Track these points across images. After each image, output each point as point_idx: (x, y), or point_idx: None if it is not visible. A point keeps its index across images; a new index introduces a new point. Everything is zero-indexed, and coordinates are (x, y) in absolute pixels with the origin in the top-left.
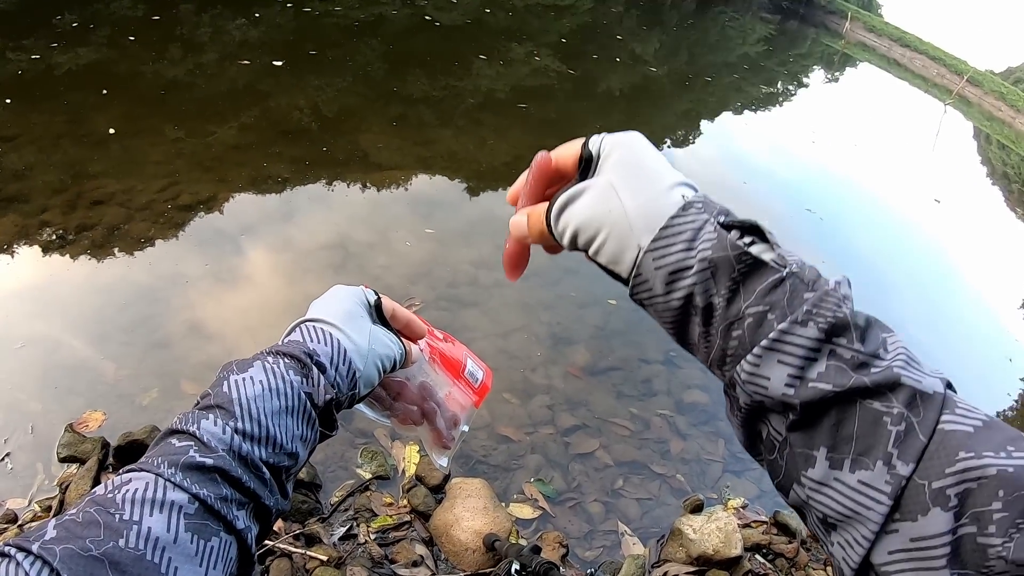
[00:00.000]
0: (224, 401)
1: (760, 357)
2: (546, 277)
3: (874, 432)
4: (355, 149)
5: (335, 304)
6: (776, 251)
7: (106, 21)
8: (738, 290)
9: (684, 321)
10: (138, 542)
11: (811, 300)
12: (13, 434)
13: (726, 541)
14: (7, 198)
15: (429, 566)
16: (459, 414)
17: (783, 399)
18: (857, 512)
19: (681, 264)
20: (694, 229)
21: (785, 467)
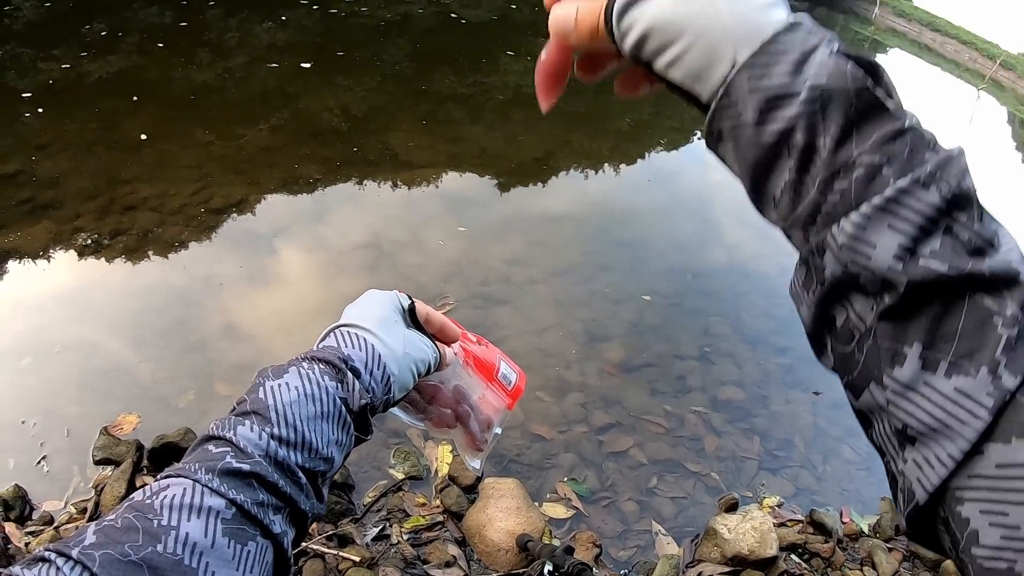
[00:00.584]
0: (260, 407)
1: (868, 218)
2: (579, 273)
3: (982, 333)
4: (385, 148)
5: (369, 309)
6: (896, 98)
7: (134, 28)
8: (851, 132)
9: (771, 163)
10: (176, 547)
11: (935, 160)
12: (49, 437)
13: (761, 541)
14: (42, 205)
15: (462, 567)
16: (492, 416)
17: (887, 274)
18: (948, 425)
19: (785, 89)
20: (804, 51)
21: (863, 362)
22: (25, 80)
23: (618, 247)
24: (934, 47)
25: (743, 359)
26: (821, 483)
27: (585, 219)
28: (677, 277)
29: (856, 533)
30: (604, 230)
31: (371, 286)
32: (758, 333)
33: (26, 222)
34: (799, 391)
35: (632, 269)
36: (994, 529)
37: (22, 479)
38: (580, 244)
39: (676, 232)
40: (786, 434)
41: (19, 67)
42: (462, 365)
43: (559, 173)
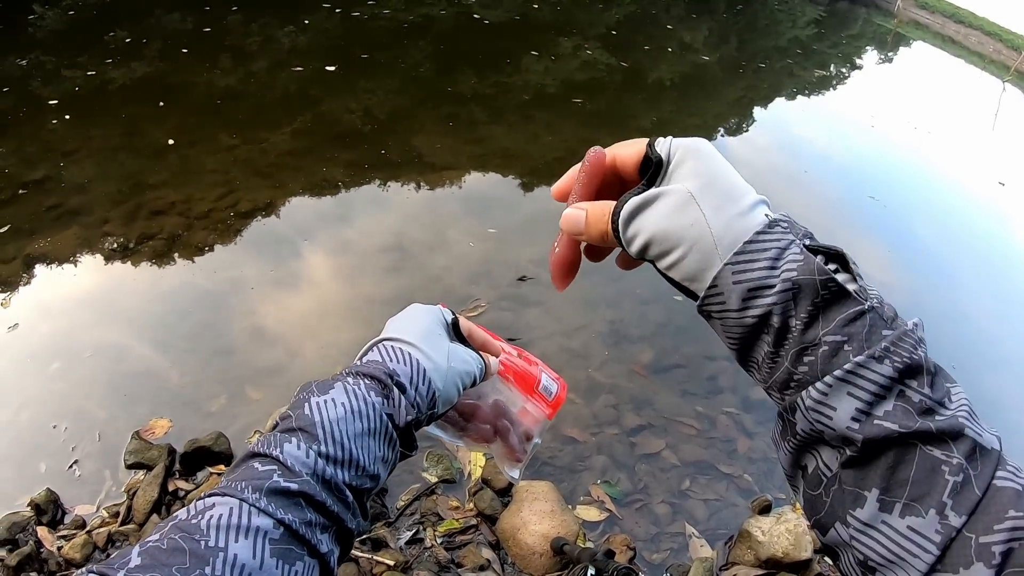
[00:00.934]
0: (306, 424)
1: (831, 387)
2: (608, 274)
3: (931, 480)
4: (409, 150)
5: (413, 323)
6: (859, 282)
7: (157, 35)
8: (818, 316)
9: (752, 339)
10: (224, 569)
11: (889, 338)
12: (81, 442)
13: (796, 543)
14: (69, 211)
15: (496, 570)
16: (532, 428)
17: (846, 432)
18: (902, 558)
19: (763, 282)
20: (779, 248)
21: (829, 504)
22: (50, 88)
23: None
24: (958, 39)
25: None
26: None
27: None
28: None
29: None
30: None
31: (398, 288)
32: None
33: (55, 228)
34: None
35: None
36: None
37: (54, 483)
38: None
39: None
40: None
41: (44, 75)
42: (501, 380)
43: None
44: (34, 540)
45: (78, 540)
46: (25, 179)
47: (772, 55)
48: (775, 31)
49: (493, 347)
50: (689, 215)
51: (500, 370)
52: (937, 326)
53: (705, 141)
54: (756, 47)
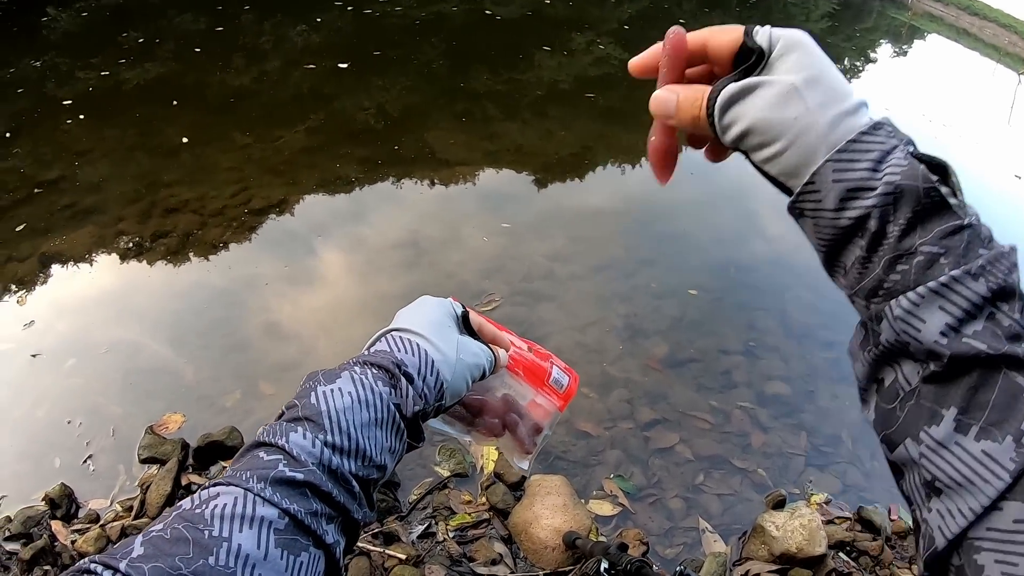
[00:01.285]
0: (313, 413)
1: (923, 298)
2: (621, 269)
3: (1012, 406)
4: (422, 147)
5: (422, 314)
6: (959, 197)
7: (170, 36)
8: (916, 224)
9: (845, 242)
10: (228, 559)
11: (986, 257)
12: (95, 436)
13: (810, 538)
14: (84, 210)
15: (508, 564)
16: (542, 421)
17: (932, 347)
18: (971, 481)
19: (864, 183)
20: (883, 151)
21: (903, 419)
22: (64, 88)
23: (659, 241)
24: (972, 31)
25: (789, 354)
26: (869, 480)
27: (625, 213)
28: (720, 271)
29: (904, 531)
30: (645, 224)
31: (412, 284)
32: (804, 327)
33: (69, 226)
34: (846, 386)
35: (674, 263)
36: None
37: (68, 478)
38: (621, 239)
39: (717, 225)
40: (833, 430)
41: (58, 76)
42: (510, 374)
43: (597, 168)
44: (48, 534)
45: (92, 534)
46: (40, 179)
47: None
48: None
49: (503, 341)
50: (794, 107)
51: (509, 364)
52: None
53: (808, 34)
54: None
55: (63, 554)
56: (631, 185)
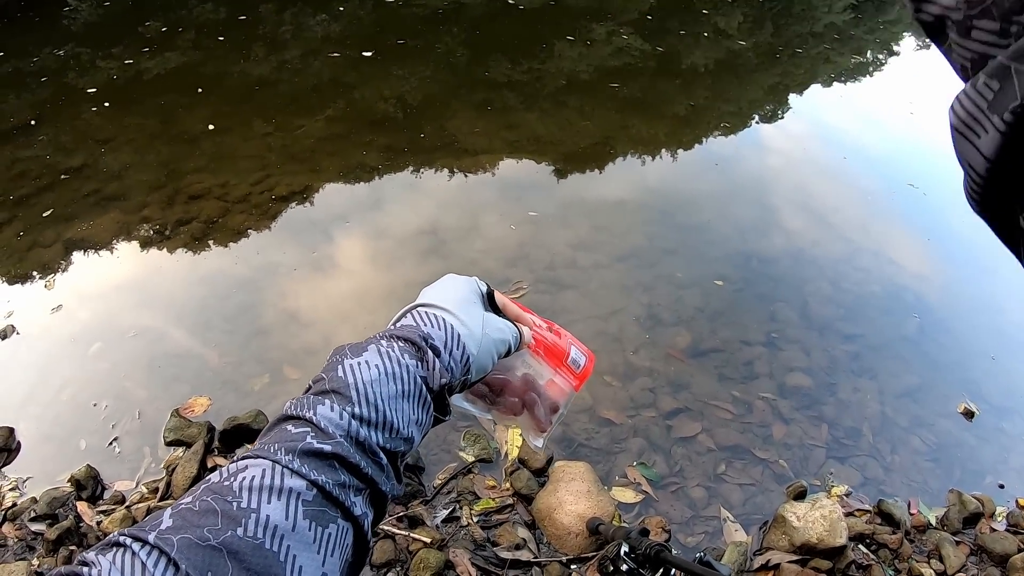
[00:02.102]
0: (340, 386)
1: None
2: (644, 258)
3: None
4: (443, 136)
5: (448, 291)
6: None
7: (191, 25)
8: None
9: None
10: (256, 530)
11: None
12: (121, 420)
13: (831, 530)
14: (108, 197)
15: (531, 549)
16: (559, 400)
17: None
18: None
19: None
20: None
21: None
22: (85, 78)
23: (682, 231)
24: None
25: (810, 345)
26: (889, 473)
27: (647, 203)
28: (742, 262)
29: (924, 525)
30: (667, 214)
31: (434, 272)
32: (824, 319)
33: (94, 213)
34: (867, 379)
35: (697, 253)
36: None
37: (94, 460)
38: (644, 228)
39: (739, 216)
40: (854, 422)
41: (79, 66)
42: (531, 354)
43: (617, 158)
44: (74, 515)
45: (117, 515)
46: (64, 166)
47: (808, 41)
48: (811, 16)
49: (525, 320)
50: None
51: (531, 344)
52: (974, 317)
53: None
54: (792, 32)
55: (88, 535)
56: (653, 175)
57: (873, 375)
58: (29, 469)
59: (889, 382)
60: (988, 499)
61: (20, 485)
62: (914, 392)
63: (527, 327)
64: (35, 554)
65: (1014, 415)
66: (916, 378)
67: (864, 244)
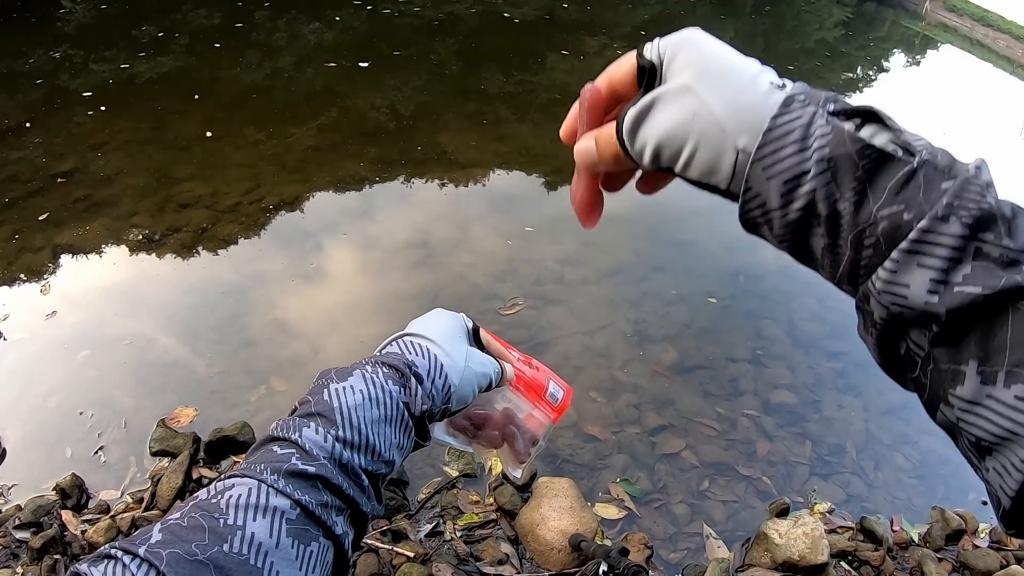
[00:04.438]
0: (325, 409)
1: (898, 263)
2: (631, 274)
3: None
4: (434, 147)
5: (435, 324)
6: (900, 137)
7: (186, 30)
8: (866, 191)
9: (805, 235)
10: (242, 547)
11: (951, 191)
12: (107, 429)
13: (812, 547)
14: (98, 203)
15: (514, 564)
16: (538, 432)
17: (925, 308)
18: (1015, 433)
19: (797, 170)
20: (803, 125)
21: (930, 386)
22: (79, 80)
23: (670, 247)
24: (986, 42)
25: (795, 363)
26: (872, 490)
27: (636, 219)
28: (729, 278)
29: (906, 542)
30: (655, 230)
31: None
32: (810, 336)
33: (83, 219)
34: (851, 396)
35: (684, 269)
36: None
37: (79, 468)
38: (632, 244)
39: (726, 233)
40: (838, 440)
41: (73, 68)
42: (511, 389)
43: None
44: (58, 523)
45: (102, 524)
46: (55, 170)
47: (799, 57)
48: (802, 32)
49: (508, 358)
50: (688, 106)
51: (512, 381)
52: None
53: (695, 29)
54: (783, 48)
55: (73, 544)
56: None
57: (858, 392)
58: (14, 476)
59: (874, 399)
60: (971, 516)
61: (5, 492)
62: (899, 409)
63: (509, 365)
64: (19, 562)
65: None
66: (901, 395)
67: None
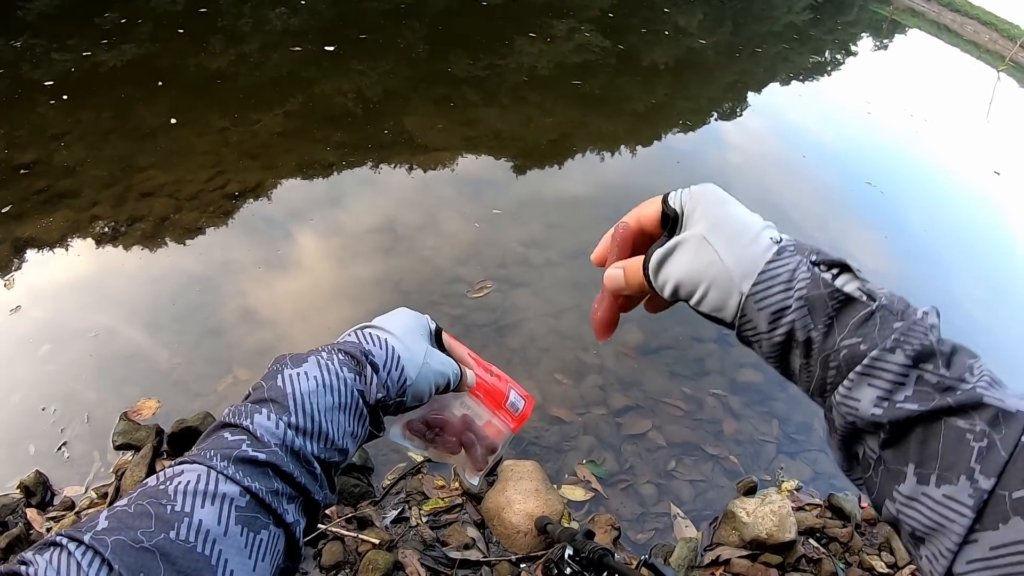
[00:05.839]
0: (278, 395)
1: (853, 381)
2: None
3: (957, 449)
4: (401, 132)
5: (396, 320)
6: (865, 286)
7: (149, 17)
8: (833, 325)
9: (786, 354)
10: (189, 534)
11: (900, 329)
12: (70, 423)
13: (780, 525)
14: (58, 194)
15: (481, 549)
16: (497, 441)
17: (872, 419)
18: (942, 525)
19: (781, 304)
20: (790, 271)
21: (879, 484)
22: (40, 71)
23: None
24: (953, 28)
25: None
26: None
27: (603, 200)
28: None
29: (874, 518)
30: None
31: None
32: None
33: (44, 211)
34: None
35: None
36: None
37: (43, 465)
38: (598, 226)
39: None
40: (804, 418)
41: (34, 58)
42: (470, 396)
43: (576, 155)
44: (23, 522)
45: (67, 521)
46: (15, 162)
47: (768, 40)
48: (771, 16)
49: (470, 363)
50: (705, 256)
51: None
52: None
53: (711, 185)
54: (751, 31)
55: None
56: (609, 173)
57: None
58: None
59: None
60: None
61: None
62: None
63: (471, 371)
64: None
65: None
66: None
67: (822, 240)
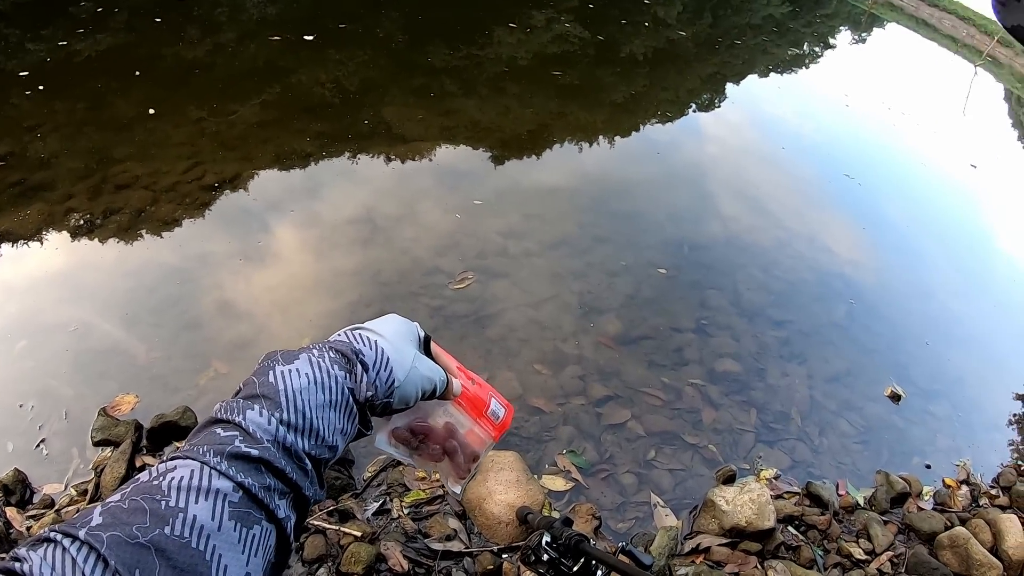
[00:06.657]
0: (270, 391)
1: None
2: (576, 246)
3: None
4: (379, 122)
5: (387, 325)
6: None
7: (125, 6)
8: None
9: None
10: (183, 529)
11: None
12: (48, 420)
13: (759, 512)
14: (33, 187)
15: (462, 540)
16: (478, 449)
17: None
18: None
19: None
20: None
21: None
22: (14, 61)
23: (614, 219)
24: (931, 22)
25: (740, 332)
26: (817, 456)
27: (581, 191)
28: (674, 249)
29: (852, 506)
30: (600, 202)
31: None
32: (755, 306)
33: (18, 204)
34: (796, 364)
35: (628, 241)
36: None
37: (21, 463)
38: (576, 216)
39: (672, 204)
40: (783, 407)
41: (8, 48)
42: (454, 405)
43: (554, 146)
44: (3, 521)
45: (47, 519)
46: None
47: (746, 32)
48: (749, 8)
49: (456, 373)
50: None
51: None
52: (905, 303)
53: None
54: (730, 24)
55: (19, 541)
56: (587, 163)
57: (803, 360)
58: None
59: (818, 367)
60: (915, 479)
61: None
62: (843, 376)
63: (457, 380)
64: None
65: (941, 398)
66: (845, 363)
67: (799, 232)
